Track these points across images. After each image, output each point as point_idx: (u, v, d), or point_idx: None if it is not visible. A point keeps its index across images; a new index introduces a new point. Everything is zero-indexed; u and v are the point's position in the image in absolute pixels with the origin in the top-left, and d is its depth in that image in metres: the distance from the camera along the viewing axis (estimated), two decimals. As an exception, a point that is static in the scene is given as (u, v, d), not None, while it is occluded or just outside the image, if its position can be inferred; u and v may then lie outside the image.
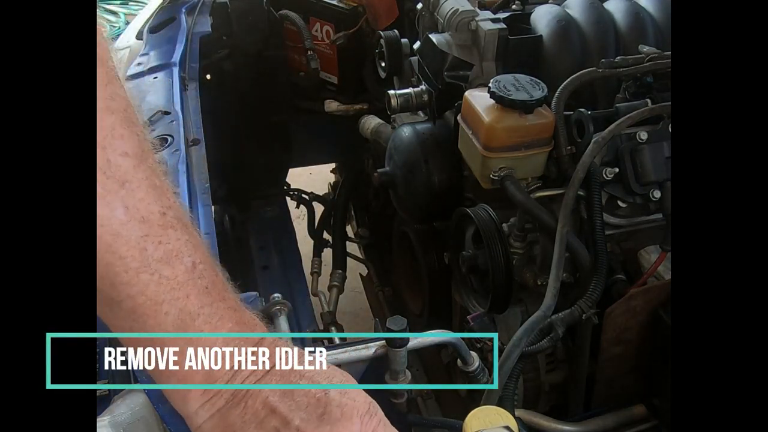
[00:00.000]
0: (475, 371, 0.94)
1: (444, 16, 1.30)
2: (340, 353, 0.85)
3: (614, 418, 1.06)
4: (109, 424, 0.82)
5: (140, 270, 0.59)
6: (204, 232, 1.10)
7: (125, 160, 0.62)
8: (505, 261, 1.07)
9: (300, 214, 2.02)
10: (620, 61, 1.11)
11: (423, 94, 1.38)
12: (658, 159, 1.05)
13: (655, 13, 1.23)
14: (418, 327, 0.94)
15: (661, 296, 0.99)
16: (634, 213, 1.09)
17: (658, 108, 1.06)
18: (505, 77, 1.10)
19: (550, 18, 1.23)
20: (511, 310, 1.20)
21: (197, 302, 0.59)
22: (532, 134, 1.07)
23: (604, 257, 1.02)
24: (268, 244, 1.85)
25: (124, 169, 0.62)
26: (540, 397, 1.22)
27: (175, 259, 0.59)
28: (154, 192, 0.61)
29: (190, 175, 1.20)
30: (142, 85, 1.45)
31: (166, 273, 0.58)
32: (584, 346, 1.05)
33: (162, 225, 0.60)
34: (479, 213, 1.11)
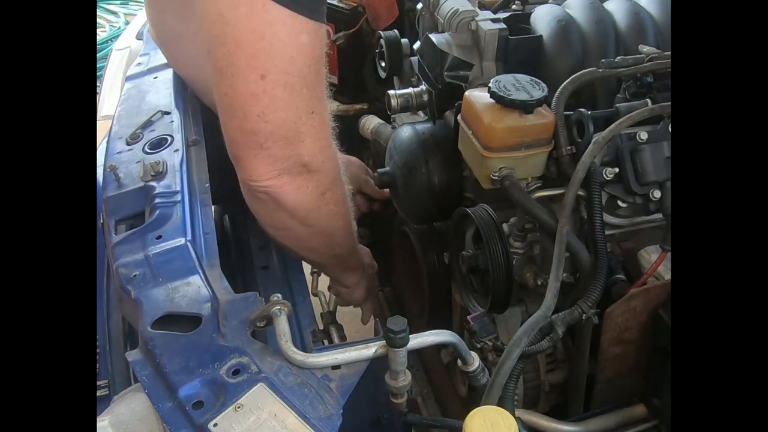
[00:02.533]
0: (475, 371, 0.94)
1: (444, 16, 1.30)
2: (340, 353, 0.85)
3: (614, 418, 1.06)
4: (109, 424, 0.82)
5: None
6: (204, 232, 1.10)
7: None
8: (505, 261, 1.07)
9: (300, 214, 2.01)
10: (620, 61, 1.11)
11: (423, 94, 1.38)
12: (658, 159, 1.05)
13: (655, 13, 1.23)
14: (418, 327, 0.94)
15: (661, 296, 0.99)
16: (634, 213, 1.09)
17: (658, 108, 1.06)
18: (505, 77, 1.10)
19: (550, 18, 1.23)
20: (511, 310, 1.20)
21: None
22: (532, 134, 1.07)
23: (604, 257, 1.02)
24: (268, 244, 1.84)
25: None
26: (540, 397, 1.22)
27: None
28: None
29: (190, 175, 1.20)
30: (142, 85, 1.45)
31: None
32: (584, 346, 1.05)
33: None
34: (479, 213, 1.11)
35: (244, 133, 0.92)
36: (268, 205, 1.01)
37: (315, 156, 0.98)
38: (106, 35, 4.15)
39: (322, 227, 1.09)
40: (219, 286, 0.97)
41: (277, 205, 1.01)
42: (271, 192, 0.98)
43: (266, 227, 1.09)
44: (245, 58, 0.88)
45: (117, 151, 1.26)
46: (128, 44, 1.86)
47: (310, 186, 0.99)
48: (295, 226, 1.06)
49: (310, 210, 1.03)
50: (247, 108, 0.90)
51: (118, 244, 1.06)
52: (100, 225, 1.18)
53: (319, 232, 1.10)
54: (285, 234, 1.09)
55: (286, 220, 1.04)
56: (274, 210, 1.02)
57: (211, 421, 0.76)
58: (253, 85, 0.88)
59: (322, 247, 1.15)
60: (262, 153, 0.93)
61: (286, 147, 0.93)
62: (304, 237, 1.10)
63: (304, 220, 1.04)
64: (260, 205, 1.02)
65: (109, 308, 1.34)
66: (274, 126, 0.91)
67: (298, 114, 0.93)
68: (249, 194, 1.02)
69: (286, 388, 0.81)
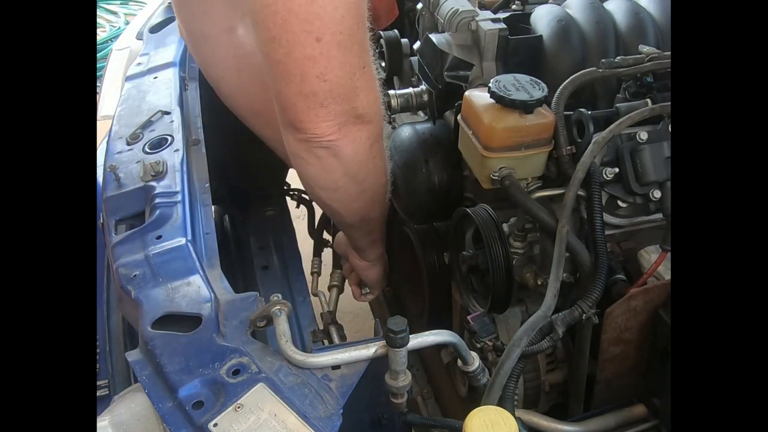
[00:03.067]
0: (475, 371, 0.94)
1: (444, 16, 1.30)
2: (341, 353, 0.85)
3: (614, 418, 1.06)
4: (109, 424, 0.82)
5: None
6: (204, 232, 1.10)
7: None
8: (505, 261, 1.07)
9: (300, 214, 2.01)
10: (620, 61, 1.11)
11: (423, 94, 1.38)
12: (658, 159, 1.05)
13: (655, 13, 1.23)
14: (418, 327, 0.94)
15: (661, 296, 0.99)
16: (634, 213, 1.09)
17: (658, 108, 1.06)
18: (505, 77, 1.10)
19: (550, 18, 1.23)
20: (511, 310, 1.20)
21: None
22: (532, 134, 1.07)
23: (604, 257, 1.02)
24: (268, 244, 1.85)
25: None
26: (540, 397, 1.22)
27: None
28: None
29: (190, 175, 1.20)
30: (142, 85, 1.45)
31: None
32: (584, 346, 1.05)
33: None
34: (479, 213, 1.11)
35: (304, 96, 0.97)
36: (325, 162, 1.06)
37: (368, 107, 1.04)
38: (106, 35, 4.15)
39: (369, 183, 1.16)
40: (219, 286, 0.98)
41: (335, 161, 1.06)
42: (333, 145, 1.03)
43: (318, 191, 1.14)
44: (299, 23, 0.91)
45: (117, 151, 1.26)
46: (128, 44, 1.86)
47: (362, 136, 1.05)
48: (347, 184, 1.12)
49: (363, 162, 1.09)
50: (305, 71, 0.94)
51: (118, 244, 1.06)
52: (100, 225, 1.18)
53: (366, 189, 1.16)
54: (336, 195, 1.14)
55: (340, 178, 1.10)
56: (331, 167, 1.07)
57: (211, 421, 0.76)
58: (309, 49, 0.93)
59: (365, 208, 1.21)
60: (323, 111, 0.98)
61: (344, 102, 0.99)
62: (353, 195, 1.16)
63: (355, 176, 1.11)
64: (318, 164, 1.07)
65: (109, 308, 1.35)
66: (333, 84, 0.97)
67: (353, 70, 0.98)
68: (307, 155, 1.06)
69: (286, 388, 0.81)
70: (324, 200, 1.19)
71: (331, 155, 1.05)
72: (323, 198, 1.18)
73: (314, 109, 0.98)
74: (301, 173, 1.12)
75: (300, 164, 1.09)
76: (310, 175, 1.11)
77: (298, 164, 1.10)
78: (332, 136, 1.02)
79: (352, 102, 1.01)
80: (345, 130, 1.02)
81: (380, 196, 1.24)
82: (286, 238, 1.88)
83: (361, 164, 1.10)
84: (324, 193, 1.16)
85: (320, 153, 1.04)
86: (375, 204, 1.24)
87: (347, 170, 1.09)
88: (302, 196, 1.95)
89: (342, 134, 1.02)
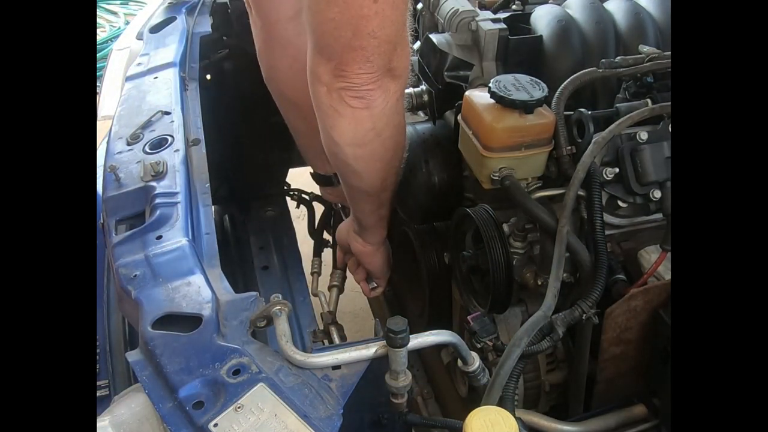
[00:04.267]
0: (475, 371, 0.94)
1: (444, 17, 1.30)
2: (341, 353, 0.85)
3: (614, 418, 1.06)
4: (110, 424, 0.82)
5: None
6: (204, 232, 1.10)
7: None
8: (505, 261, 1.07)
9: (300, 214, 2.02)
10: (620, 61, 1.11)
11: (423, 94, 1.38)
12: (658, 159, 1.05)
13: (655, 13, 1.23)
14: (419, 327, 0.94)
15: (661, 296, 0.99)
16: (635, 213, 1.09)
17: (658, 108, 1.06)
18: (506, 77, 1.10)
19: (550, 18, 1.23)
20: (511, 310, 1.20)
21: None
22: (533, 134, 1.07)
23: (604, 257, 1.02)
24: (268, 244, 1.85)
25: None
26: (540, 397, 1.22)
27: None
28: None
29: (191, 175, 1.20)
30: (142, 85, 1.45)
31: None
32: (584, 346, 1.05)
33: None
34: (479, 213, 1.11)
35: (352, 49, 1.02)
36: (358, 113, 1.10)
37: (403, 62, 1.09)
38: (106, 35, 4.15)
39: (392, 142, 1.20)
40: (219, 286, 0.98)
41: (366, 112, 1.10)
42: (368, 95, 1.08)
43: (345, 148, 1.18)
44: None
45: (117, 151, 1.26)
46: (128, 44, 1.86)
47: (393, 89, 1.10)
48: (373, 140, 1.16)
49: (390, 116, 1.14)
50: (359, 28, 1.00)
51: (119, 245, 1.05)
52: (101, 225, 1.18)
53: (389, 148, 1.21)
54: (362, 152, 1.18)
55: (368, 132, 1.14)
56: (362, 119, 1.11)
57: (212, 421, 0.76)
58: (366, 9, 0.98)
59: (384, 170, 1.25)
60: (367, 65, 1.04)
61: (385, 56, 1.05)
62: (378, 153, 1.20)
63: (382, 131, 1.15)
64: (350, 115, 1.11)
65: (109, 308, 1.34)
66: (381, 41, 1.02)
67: (399, 27, 1.04)
68: (340, 106, 1.10)
69: (286, 389, 0.81)
70: (349, 160, 1.21)
71: (365, 106, 1.09)
72: (349, 156, 1.20)
73: (359, 62, 1.03)
74: (332, 128, 1.15)
75: (332, 117, 1.13)
76: (341, 130, 1.15)
77: (329, 118, 1.13)
78: (369, 86, 1.07)
79: (392, 56, 1.06)
80: (380, 82, 1.07)
81: (398, 160, 1.28)
82: (286, 238, 1.88)
83: (389, 118, 1.14)
84: (351, 150, 1.19)
85: (354, 103, 1.09)
86: (392, 169, 1.28)
87: (376, 124, 1.13)
88: (302, 196, 1.95)
89: (377, 86, 1.07)
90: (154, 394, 0.81)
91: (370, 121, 1.12)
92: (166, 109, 1.35)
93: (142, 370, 0.84)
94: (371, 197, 1.34)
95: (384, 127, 1.15)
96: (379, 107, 1.10)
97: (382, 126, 1.14)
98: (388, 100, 1.11)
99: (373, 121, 1.13)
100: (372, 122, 1.13)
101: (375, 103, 1.10)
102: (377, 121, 1.13)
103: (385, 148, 1.20)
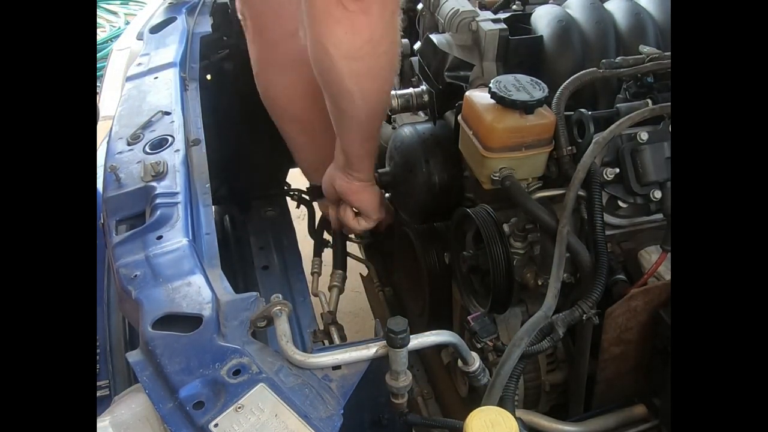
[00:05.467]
0: (475, 371, 0.94)
1: (444, 17, 1.30)
2: (341, 353, 0.85)
3: (614, 418, 1.06)
4: (110, 424, 0.82)
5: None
6: (204, 232, 1.10)
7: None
8: (505, 261, 1.07)
9: (300, 214, 2.01)
10: (621, 62, 1.11)
11: (423, 95, 1.38)
12: (659, 159, 1.05)
13: (656, 14, 1.23)
14: (419, 327, 0.94)
15: (661, 296, 0.99)
16: (635, 213, 1.09)
17: (658, 108, 1.06)
18: (506, 77, 1.10)
19: (550, 18, 1.23)
20: (511, 310, 1.20)
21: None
22: (533, 134, 1.07)
23: (604, 257, 1.02)
24: (268, 244, 1.85)
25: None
26: (540, 397, 1.22)
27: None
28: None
29: (191, 175, 1.20)
30: (142, 86, 1.45)
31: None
32: (585, 346, 1.05)
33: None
34: (480, 213, 1.11)
35: None
36: (356, 19, 1.08)
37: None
38: (106, 35, 4.15)
39: (386, 60, 1.18)
40: (219, 286, 0.98)
41: (364, 19, 1.08)
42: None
43: (340, 61, 1.15)
44: None
45: (117, 151, 1.26)
46: (128, 44, 1.86)
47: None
48: (369, 53, 1.13)
49: (385, 29, 1.12)
50: None
51: (119, 245, 1.06)
52: (101, 225, 1.18)
53: (384, 67, 1.18)
54: (356, 67, 1.15)
55: (365, 44, 1.11)
56: (360, 26, 1.09)
57: (212, 421, 0.76)
58: None
59: (376, 93, 1.23)
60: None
61: None
62: (373, 70, 1.17)
63: (378, 44, 1.13)
64: (347, 22, 1.08)
65: (109, 308, 1.35)
66: None
67: None
68: (338, 11, 1.07)
69: (286, 389, 0.81)
70: (344, 76, 1.18)
71: (362, 10, 1.07)
72: (344, 72, 1.17)
73: None
74: (326, 36, 1.12)
75: (326, 24, 1.10)
76: (337, 39, 1.12)
77: (324, 24, 1.11)
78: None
79: None
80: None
81: (389, 84, 1.26)
82: (286, 238, 1.88)
83: (384, 30, 1.12)
84: (345, 64, 1.15)
85: (352, 7, 1.06)
86: (383, 94, 1.26)
87: (373, 34, 1.11)
88: (302, 196, 1.95)
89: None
90: (154, 395, 0.81)
91: (368, 29, 1.10)
92: (166, 109, 1.35)
93: (142, 370, 0.84)
94: (361, 126, 1.31)
95: (380, 40, 1.13)
96: (377, 14, 1.09)
97: (378, 37, 1.12)
98: (386, 10, 1.09)
99: (370, 30, 1.11)
100: (369, 31, 1.11)
101: (372, 9, 1.08)
102: (374, 30, 1.11)
103: (380, 66, 1.18)
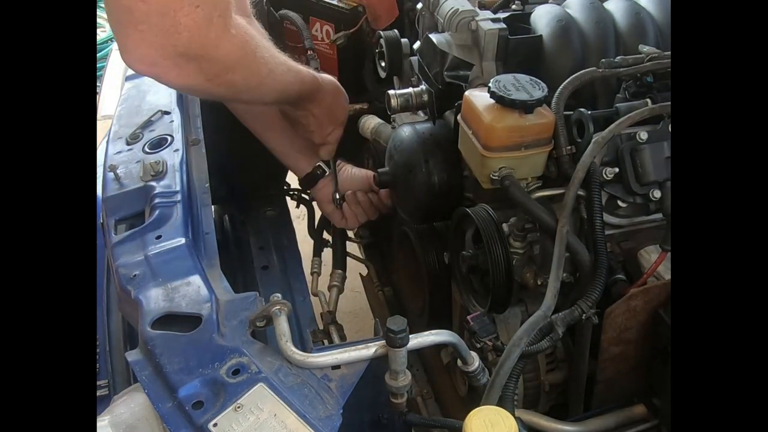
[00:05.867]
0: (475, 371, 0.94)
1: (444, 16, 1.30)
2: (341, 353, 0.85)
3: (614, 418, 1.06)
4: (109, 424, 0.82)
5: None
6: (204, 232, 1.10)
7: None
8: (505, 261, 1.07)
9: (300, 214, 2.01)
10: (620, 61, 1.11)
11: (423, 94, 1.38)
12: (658, 159, 1.05)
13: (656, 13, 1.23)
14: (418, 327, 0.94)
15: (661, 296, 0.99)
16: (634, 213, 1.09)
17: (658, 108, 1.06)
18: (505, 77, 1.10)
19: (550, 18, 1.23)
20: (511, 310, 1.20)
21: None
22: (532, 134, 1.07)
23: (604, 257, 1.02)
24: (268, 244, 1.85)
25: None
26: (540, 397, 1.22)
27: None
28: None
29: (190, 175, 1.20)
30: (142, 85, 1.45)
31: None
32: (584, 346, 1.05)
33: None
34: (479, 213, 1.11)
35: (121, 9, 0.88)
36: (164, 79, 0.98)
37: (191, 47, 0.92)
38: (106, 35, 4.15)
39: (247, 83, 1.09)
40: (219, 285, 0.98)
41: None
42: (155, 75, 0.96)
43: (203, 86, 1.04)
44: None
45: (117, 150, 1.26)
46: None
47: (191, 73, 0.96)
48: (211, 89, 1.04)
49: (205, 84, 1.00)
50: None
51: (118, 244, 1.06)
52: (100, 225, 1.18)
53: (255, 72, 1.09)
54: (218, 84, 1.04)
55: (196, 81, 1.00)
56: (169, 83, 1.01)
57: (211, 421, 0.76)
58: None
59: (261, 89, 1.14)
60: (137, 35, 0.88)
61: (161, 35, 0.89)
62: (241, 89, 1.09)
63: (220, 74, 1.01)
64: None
65: (109, 308, 1.34)
66: (152, 8, 0.87)
67: (181, 4, 0.88)
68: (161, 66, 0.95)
69: (285, 388, 0.81)
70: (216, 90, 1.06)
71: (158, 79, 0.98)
72: (212, 91, 1.06)
73: (128, 28, 0.88)
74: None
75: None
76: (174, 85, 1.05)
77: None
78: (151, 68, 0.93)
79: (171, 38, 0.90)
80: (167, 63, 0.92)
81: (278, 82, 1.17)
82: (286, 238, 1.88)
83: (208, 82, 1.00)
84: (209, 86, 1.03)
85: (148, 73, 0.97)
86: (276, 83, 1.17)
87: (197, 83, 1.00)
88: (302, 196, 1.95)
89: (164, 66, 0.93)
90: (153, 394, 0.81)
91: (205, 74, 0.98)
92: (165, 108, 1.35)
93: (141, 369, 0.84)
94: (293, 107, 1.32)
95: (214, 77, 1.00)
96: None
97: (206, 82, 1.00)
98: (193, 81, 0.97)
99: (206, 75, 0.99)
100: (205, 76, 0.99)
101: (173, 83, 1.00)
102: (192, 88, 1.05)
103: (241, 89, 1.09)
